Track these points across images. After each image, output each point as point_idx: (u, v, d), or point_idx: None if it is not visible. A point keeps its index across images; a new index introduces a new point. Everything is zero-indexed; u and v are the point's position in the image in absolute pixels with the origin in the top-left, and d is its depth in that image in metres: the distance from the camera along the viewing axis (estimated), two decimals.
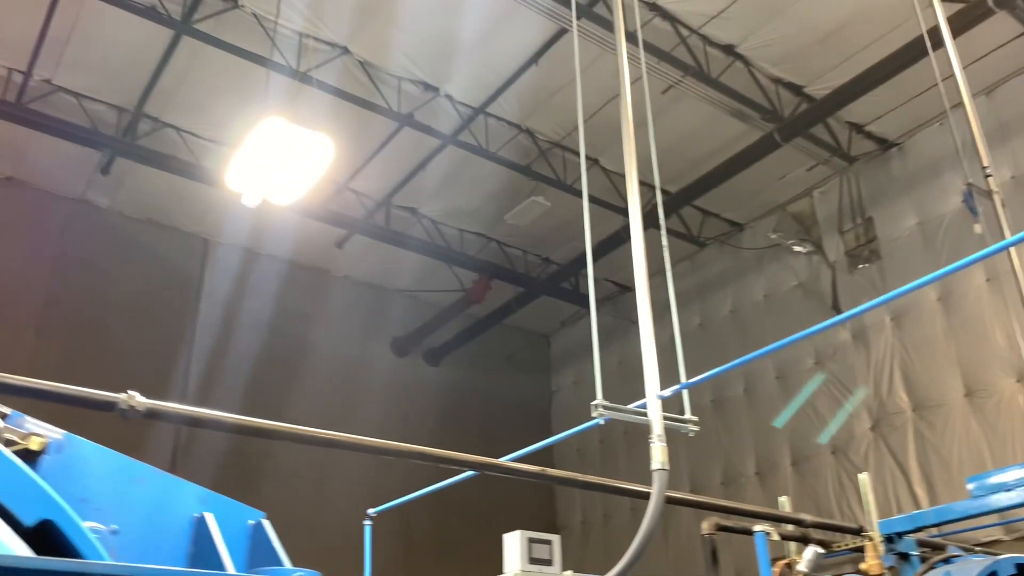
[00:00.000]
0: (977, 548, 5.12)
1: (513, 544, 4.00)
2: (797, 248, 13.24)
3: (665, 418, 3.79)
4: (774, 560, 4.84)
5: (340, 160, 12.52)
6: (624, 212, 7.78)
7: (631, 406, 3.98)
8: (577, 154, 12.65)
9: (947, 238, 11.45)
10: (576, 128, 12.01)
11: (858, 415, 12.16)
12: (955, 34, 7.86)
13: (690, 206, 13.87)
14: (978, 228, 6.60)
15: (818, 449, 12.59)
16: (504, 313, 15.88)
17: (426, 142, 12.44)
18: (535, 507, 15.96)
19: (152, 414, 3.19)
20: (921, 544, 4.41)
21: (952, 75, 6.96)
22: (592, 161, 12.82)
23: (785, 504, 5.96)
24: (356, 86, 11.30)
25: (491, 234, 15.01)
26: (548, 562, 4.03)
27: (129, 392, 3.07)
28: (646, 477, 4.73)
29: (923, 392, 11.52)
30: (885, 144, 12.59)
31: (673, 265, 16.97)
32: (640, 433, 3.75)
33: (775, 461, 13.17)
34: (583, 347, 14.42)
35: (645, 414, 3.79)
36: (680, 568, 13.35)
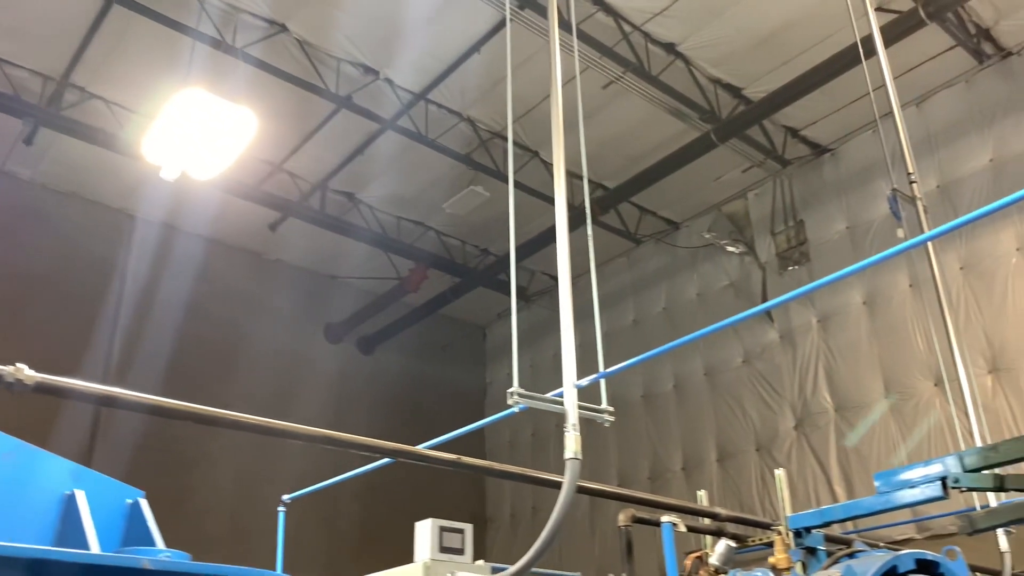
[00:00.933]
0: (883, 545, 5.24)
1: (424, 532, 3.93)
2: (730, 248, 13.42)
3: (581, 407, 3.77)
4: (688, 553, 4.88)
5: (275, 140, 12.28)
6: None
7: (548, 395, 3.95)
8: (518, 145, 12.61)
9: (874, 243, 11.72)
10: (518, 119, 12.00)
11: (783, 414, 12.41)
12: (888, 43, 8.03)
13: (628, 203, 13.96)
14: (901, 233, 6.76)
15: (743, 446, 12.81)
16: (440, 303, 15.77)
17: (365, 126, 12.24)
18: (464, 499, 15.93)
19: (43, 388, 3.03)
20: (829, 539, 4.49)
21: (884, 85, 7.13)
22: (532, 153, 12.81)
23: (703, 498, 6.03)
24: (294, 65, 11.06)
25: (429, 223, 14.89)
26: (460, 551, 3.98)
27: (17, 364, 2.91)
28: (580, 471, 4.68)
29: (845, 393, 11.80)
30: (819, 149, 12.83)
31: (609, 261, 17.05)
32: None
33: (702, 458, 13.35)
34: (519, 339, 14.40)
35: (561, 403, 3.77)
36: (606, 560, 13.46)
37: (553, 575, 5.16)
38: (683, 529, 4.50)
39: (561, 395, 3.86)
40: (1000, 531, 6.12)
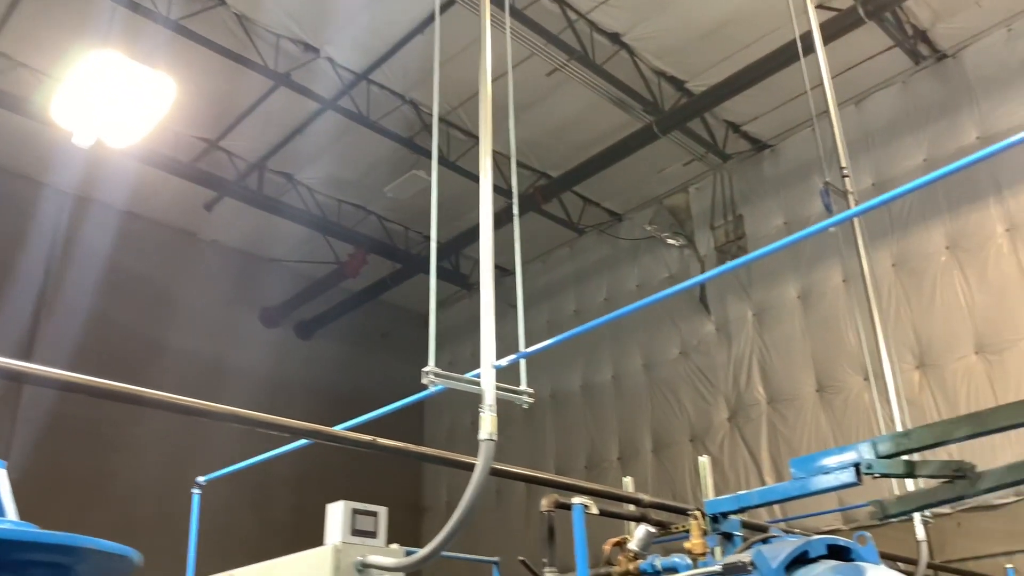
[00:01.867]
0: (799, 531, 5.29)
1: (336, 515, 3.82)
2: (670, 241, 13.51)
3: (499, 388, 3.71)
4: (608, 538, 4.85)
5: (211, 117, 11.99)
6: (505, 193, 7.71)
7: (467, 375, 3.87)
8: (462, 130, 12.48)
9: (810, 239, 11.86)
10: (461, 104, 11.87)
11: (717, 406, 12.55)
12: (827, 40, 8.14)
13: (572, 192, 13.93)
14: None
15: (678, 437, 12.92)
16: (380, 289, 15.58)
17: (305, 105, 11.99)
18: (402, 487, 15.79)
19: None
20: (747, 527, 4.49)
21: (822, 83, 7.24)
22: (476, 139, 12.65)
23: (629, 485, 6.02)
24: (232, 40, 10.76)
25: (370, 207, 14.67)
26: (372, 534, 3.88)
27: None
28: (516, 459, 4.63)
29: (778, 386, 11.97)
30: (759, 145, 12.95)
31: (552, 251, 16.92)
32: (511, 417, 3.65)
33: (637, 448, 13.44)
34: (461, 328, 14.25)
35: (478, 383, 3.70)
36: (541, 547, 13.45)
37: (468, 559, 5.10)
38: (595, 512, 4.47)
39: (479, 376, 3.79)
40: (917, 521, 6.24)
